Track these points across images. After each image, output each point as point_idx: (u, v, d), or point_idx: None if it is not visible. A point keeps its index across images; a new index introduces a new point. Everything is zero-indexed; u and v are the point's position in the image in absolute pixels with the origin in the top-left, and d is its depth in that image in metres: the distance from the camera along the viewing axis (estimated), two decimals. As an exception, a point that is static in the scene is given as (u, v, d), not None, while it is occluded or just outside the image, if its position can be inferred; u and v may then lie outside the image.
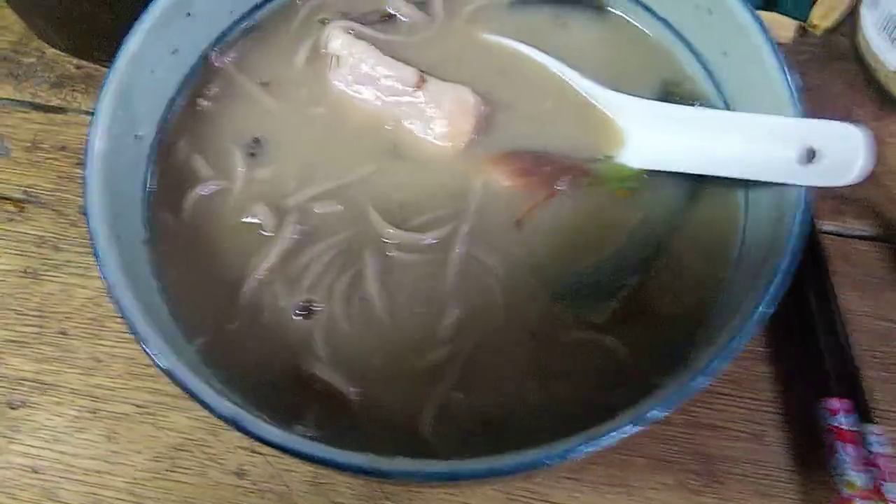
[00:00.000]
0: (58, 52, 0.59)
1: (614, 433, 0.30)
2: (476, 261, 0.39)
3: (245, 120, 0.43)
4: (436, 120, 0.42)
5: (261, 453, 0.46)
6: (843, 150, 0.35)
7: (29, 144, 0.56)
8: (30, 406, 0.48)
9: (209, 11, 0.43)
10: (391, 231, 0.39)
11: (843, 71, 0.60)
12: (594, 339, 0.37)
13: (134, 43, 0.39)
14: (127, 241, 0.36)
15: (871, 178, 0.54)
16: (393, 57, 0.44)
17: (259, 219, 0.40)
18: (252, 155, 0.42)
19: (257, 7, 0.45)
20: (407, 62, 0.44)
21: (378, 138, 0.43)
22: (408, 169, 0.42)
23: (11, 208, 0.54)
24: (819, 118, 0.36)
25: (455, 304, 0.38)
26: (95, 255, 0.34)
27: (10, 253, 0.52)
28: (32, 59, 0.59)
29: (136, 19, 0.40)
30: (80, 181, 0.54)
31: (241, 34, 0.45)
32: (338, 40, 0.43)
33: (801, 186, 0.35)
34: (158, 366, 0.32)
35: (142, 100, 0.40)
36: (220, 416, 0.31)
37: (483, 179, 0.41)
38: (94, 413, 0.48)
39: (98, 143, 0.36)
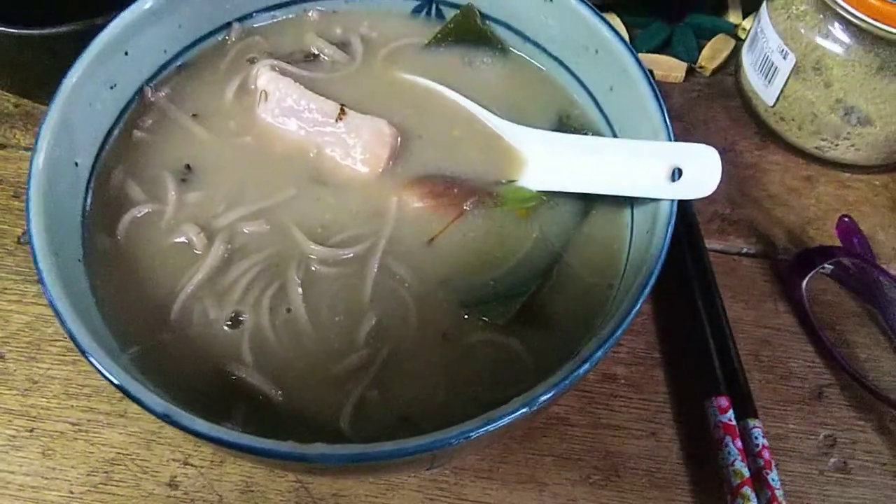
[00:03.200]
0: (-4, 90, 0.61)
1: (507, 416, 0.34)
2: (391, 273, 0.43)
3: (177, 149, 0.47)
4: (355, 148, 0.46)
5: (193, 465, 0.49)
6: (701, 168, 0.40)
7: (-34, 178, 0.58)
8: (-35, 427, 0.50)
9: (145, 50, 0.46)
10: (313, 247, 0.43)
11: (728, 107, 0.67)
12: (497, 339, 0.41)
13: (74, 77, 0.42)
14: (65, 260, 0.39)
15: (753, 201, 0.61)
16: (316, 92, 0.48)
17: (190, 238, 0.43)
18: (183, 180, 0.45)
19: (190, 46, 0.49)
20: (329, 97, 0.48)
21: (302, 165, 0.47)
22: (329, 192, 0.46)
23: (-52, 238, 0.56)
24: (684, 141, 0.41)
25: (372, 313, 0.42)
26: (37, 271, 0.37)
27: (-53, 281, 0.54)
28: (-30, 98, 0.62)
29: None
30: (16, 213, 0.57)
31: (175, 71, 0.49)
32: (265, 76, 0.47)
33: (670, 200, 0.40)
34: (97, 368, 0.35)
35: (81, 130, 0.43)
36: (154, 413, 0.33)
37: (398, 201, 0.46)
38: (31, 432, 0.50)
39: (39, 169, 0.39)
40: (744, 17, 0.70)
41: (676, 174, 0.41)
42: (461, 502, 0.48)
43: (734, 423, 0.50)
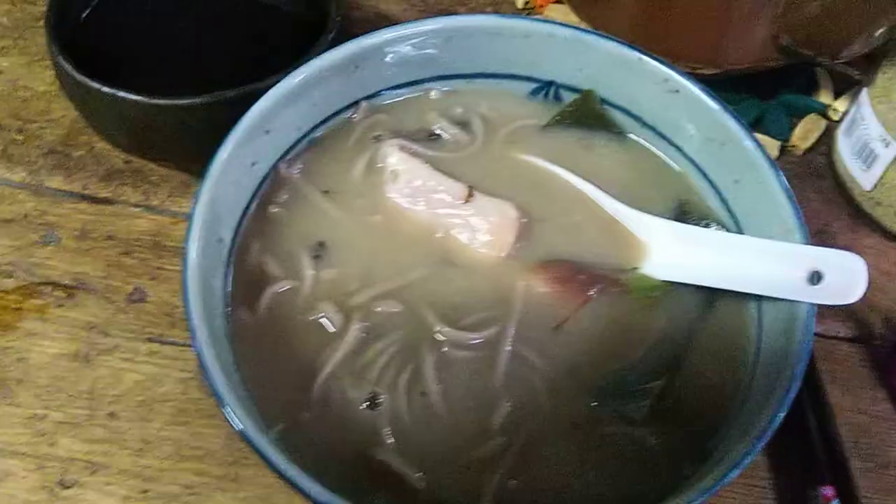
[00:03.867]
0: (106, 146, 0.63)
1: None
2: (521, 359, 0.44)
3: (310, 225, 0.48)
4: (481, 230, 0.47)
5: (304, 533, 0.49)
6: (845, 276, 0.41)
7: (78, 233, 0.60)
8: (81, 486, 0.50)
9: (282, 128, 0.48)
10: (445, 329, 0.44)
11: (820, 188, 0.67)
12: (630, 432, 0.42)
13: (224, 154, 0.43)
14: (215, 336, 0.40)
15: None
16: (440, 171, 0.49)
17: (327, 317, 0.44)
18: (317, 257, 0.47)
19: (320, 124, 0.51)
20: (451, 177, 0.49)
21: (430, 245, 0.48)
22: (457, 274, 0.47)
23: (61, 294, 0.57)
24: (824, 246, 0.42)
25: (504, 399, 0.42)
26: (195, 348, 0.38)
27: (62, 337, 0.55)
28: (82, 153, 0.63)
29: (199, 130, 0.45)
30: (127, 270, 0.58)
31: (306, 147, 0.50)
32: (395, 157, 0.49)
33: (807, 304, 0.41)
34: (255, 449, 0.35)
35: (225, 207, 0.44)
36: (314, 500, 0.34)
37: (525, 285, 0.46)
38: (144, 493, 0.50)
39: (193, 246, 0.41)
40: (835, 98, 0.71)
41: (815, 278, 0.42)
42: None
43: (840, 512, 0.50)
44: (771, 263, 0.43)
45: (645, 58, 0.49)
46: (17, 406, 0.53)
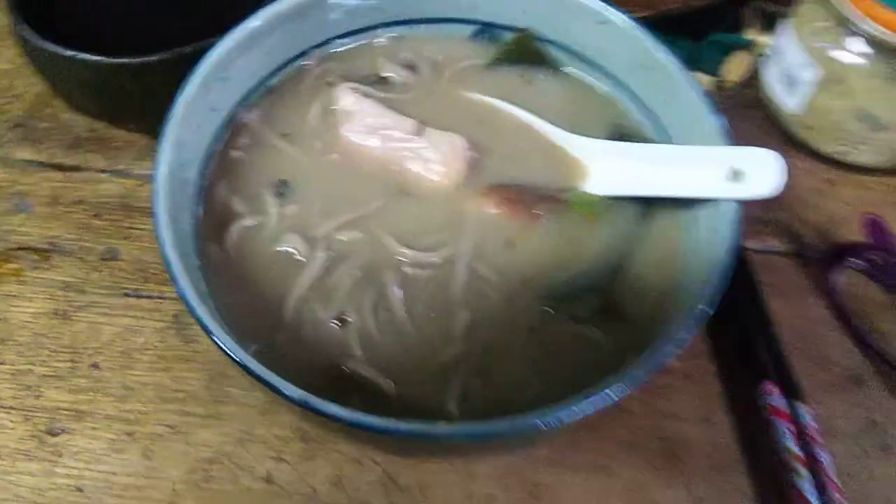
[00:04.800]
0: (70, 116, 0.65)
1: (598, 397, 0.38)
2: (477, 274, 0.47)
3: (272, 166, 0.51)
4: (434, 161, 0.50)
5: (286, 461, 0.52)
6: (761, 170, 0.45)
7: (49, 200, 0.62)
8: (69, 433, 0.53)
9: (239, 75, 0.51)
10: (405, 251, 0.47)
11: (752, 117, 0.71)
12: (580, 330, 0.46)
13: (185, 99, 0.46)
14: (188, 268, 0.42)
15: (782, 203, 0.65)
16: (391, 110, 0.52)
17: (293, 247, 0.47)
18: (280, 195, 0.49)
19: (276, 71, 0.53)
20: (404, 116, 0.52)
21: (386, 178, 0.51)
22: (413, 202, 0.50)
23: (36, 257, 0.59)
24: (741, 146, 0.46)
25: (463, 310, 0.46)
26: (172, 279, 0.40)
27: (39, 297, 0.58)
28: (47, 124, 0.66)
29: (160, 89, 0.47)
30: (98, 231, 0.61)
31: (264, 94, 0.53)
32: (347, 98, 0.52)
33: (731, 200, 0.45)
34: (235, 360, 0.38)
35: (189, 149, 0.47)
36: (291, 399, 0.37)
37: (476, 208, 0.50)
38: (130, 435, 0.53)
39: (161, 184, 0.43)
40: (762, 33, 0.75)
41: (737, 176, 0.45)
42: (535, 487, 0.52)
43: (783, 406, 0.54)
44: (697, 168, 0.47)
45: (574, -7, 0.53)
46: (0, 364, 0.55)
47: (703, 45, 0.74)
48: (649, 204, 0.50)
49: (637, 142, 0.53)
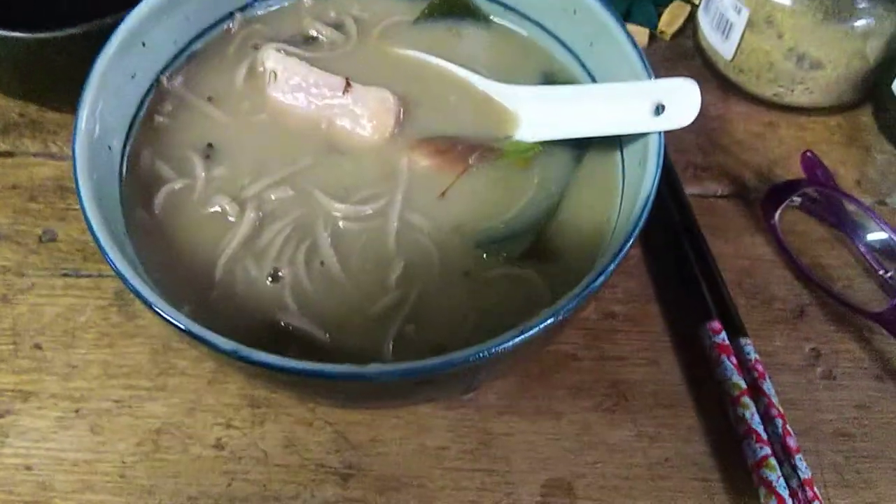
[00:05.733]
0: (1, 101, 0.64)
1: (537, 326, 0.38)
2: (410, 225, 0.47)
3: (197, 130, 0.50)
4: (362, 117, 0.50)
5: (235, 427, 0.52)
6: (681, 99, 0.45)
7: (-18, 186, 0.61)
8: (14, 413, 0.52)
9: (158, 42, 0.50)
10: (337, 205, 0.47)
11: (689, 66, 0.72)
12: (514, 272, 0.46)
13: (101, 67, 0.45)
14: (115, 235, 0.42)
15: (721, 148, 0.66)
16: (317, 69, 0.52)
17: (223, 208, 0.47)
18: (207, 157, 0.49)
19: (198, 37, 0.53)
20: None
21: (315, 136, 0.50)
22: (344, 158, 0.50)
23: (-28, 243, 0.59)
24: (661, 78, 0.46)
25: (398, 260, 0.46)
26: (97, 241, 0.40)
27: (-22, 283, 0.57)
28: (-24, 111, 0.65)
29: (87, 64, 0.47)
30: (34, 214, 0.60)
31: (186, 60, 0.53)
32: (272, 58, 0.51)
33: (655, 133, 0.45)
34: (165, 318, 0.38)
35: (110, 116, 0.46)
36: (222, 350, 0.37)
37: (407, 160, 0.50)
38: (77, 412, 0.52)
39: (81, 151, 0.43)
40: (696, -17, 0.75)
41: (660, 109, 0.46)
42: (487, 436, 0.52)
43: (727, 342, 0.54)
44: (623, 104, 0.47)
45: (495, -59, 0.53)
46: (-60, 349, 0.54)
47: (639, -3, 0.75)
48: (582, 147, 0.51)
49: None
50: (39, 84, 0.58)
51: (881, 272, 0.59)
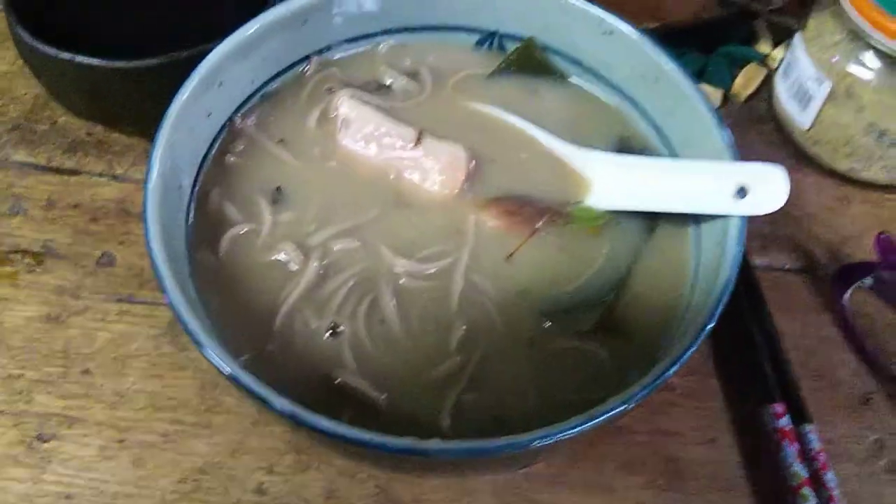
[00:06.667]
0: (69, 119, 0.64)
1: (607, 413, 0.37)
2: (474, 286, 0.46)
3: (267, 172, 0.50)
4: (433, 171, 0.50)
5: (278, 473, 0.51)
6: (767, 186, 0.44)
7: (45, 203, 0.61)
8: (59, 439, 0.52)
9: (235, 81, 0.50)
10: (401, 262, 0.46)
11: (762, 132, 0.70)
12: (581, 346, 0.44)
13: (178, 105, 0.45)
14: (179, 276, 0.41)
15: (793, 219, 0.64)
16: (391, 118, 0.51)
17: (287, 256, 0.46)
18: (275, 202, 0.49)
19: (273, 78, 0.53)
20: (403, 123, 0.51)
21: (383, 187, 0.50)
22: (411, 212, 0.49)
23: (31, 261, 0.59)
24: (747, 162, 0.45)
25: (460, 322, 0.45)
26: (159, 279, 0.40)
27: (33, 301, 0.57)
28: (45, 127, 0.65)
29: (158, 93, 0.47)
30: (94, 235, 0.60)
31: (260, 101, 0.52)
32: (346, 105, 0.51)
33: (737, 216, 0.44)
34: (223, 372, 0.37)
35: (183, 155, 0.46)
36: (280, 412, 0.36)
37: (475, 219, 0.49)
38: (121, 443, 0.52)
39: (153, 188, 0.42)
40: (774, 47, 0.74)
41: (743, 192, 0.44)
42: (533, 506, 0.51)
43: (790, 427, 0.52)
44: (702, 183, 0.46)
45: (578, 3, 0.52)
46: (-8, 368, 0.54)
47: (714, 57, 0.73)
48: (654, 218, 0.49)
49: (642, 154, 0.52)
50: (109, 109, 0.58)
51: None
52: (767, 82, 0.72)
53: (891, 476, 0.53)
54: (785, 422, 0.53)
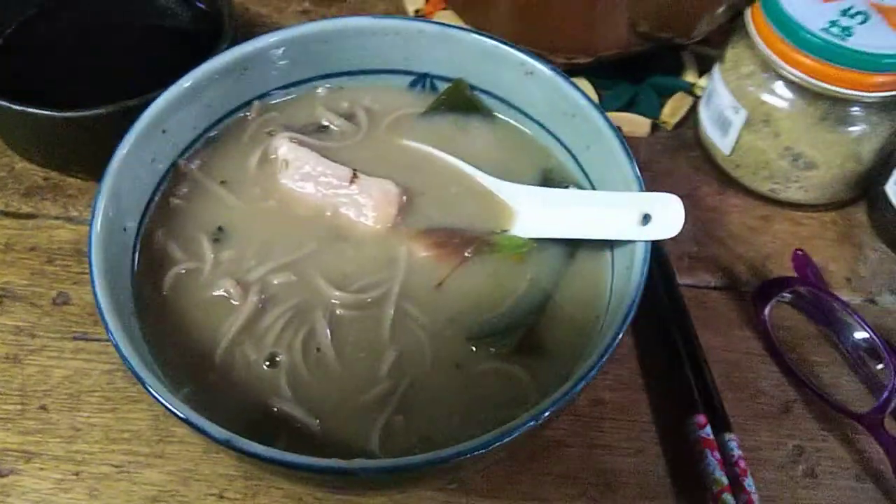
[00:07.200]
0: (26, 165, 0.67)
1: (519, 429, 0.40)
2: (405, 314, 0.49)
3: (210, 213, 0.53)
4: (366, 207, 0.53)
5: (227, 498, 0.54)
6: (666, 212, 0.47)
7: (2, 247, 0.64)
8: (17, 473, 0.54)
9: (179, 127, 0.53)
10: (337, 293, 0.49)
11: (689, 157, 0.74)
12: (503, 368, 0.48)
13: (122, 152, 0.48)
14: (122, 314, 0.44)
15: (716, 240, 0.68)
16: (329, 159, 0.55)
17: (227, 291, 0.49)
18: (217, 240, 0.52)
19: (217, 122, 0.56)
20: (340, 163, 0.55)
21: (321, 223, 0.53)
22: (346, 246, 0.52)
23: (-11, 303, 0.61)
24: (652, 191, 0.49)
25: (392, 349, 0.48)
26: (104, 322, 0.42)
27: (-9, 342, 0.59)
28: (2, 173, 0.68)
29: (109, 140, 0.50)
30: (50, 276, 0.63)
31: (204, 144, 0.56)
32: (285, 147, 0.54)
33: (642, 241, 0.47)
34: (163, 404, 0.40)
35: (127, 199, 0.49)
36: (216, 440, 0.39)
37: (407, 251, 0.52)
38: (77, 475, 0.54)
39: (97, 233, 0.45)
40: (700, 76, 0.78)
41: (647, 219, 0.48)
42: (473, 521, 0.54)
43: (712, 437, 0.56)
44: (613, 211, 0.49)
45: (502, 46, 0.56)
46: (-49, 407, 0.56)
47: (643, 88, 0.77)
48: (574, 245, 0.53)
49: (564, 185, 0.55)
50: (63, 157, 0.61)
51: (865, 372, 0.60)
52: (694, 110, 0.76)
53: (809, 480, 0.56)
54: (707, 431, 0.56)
